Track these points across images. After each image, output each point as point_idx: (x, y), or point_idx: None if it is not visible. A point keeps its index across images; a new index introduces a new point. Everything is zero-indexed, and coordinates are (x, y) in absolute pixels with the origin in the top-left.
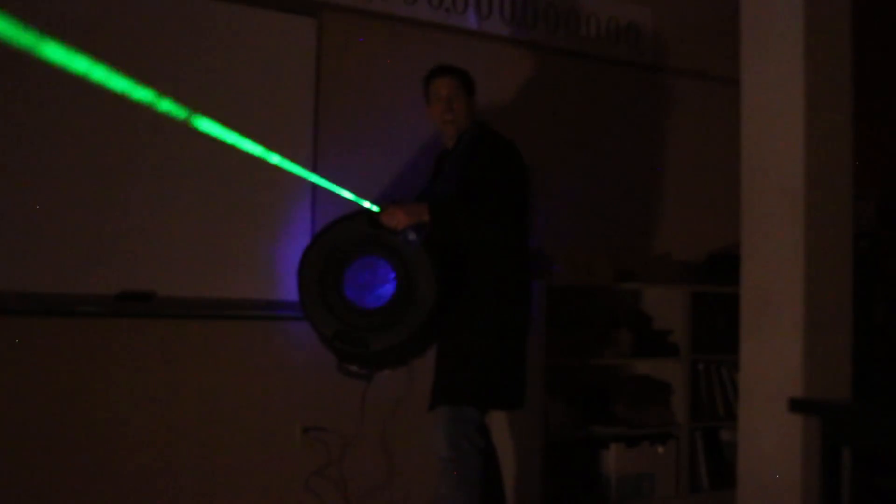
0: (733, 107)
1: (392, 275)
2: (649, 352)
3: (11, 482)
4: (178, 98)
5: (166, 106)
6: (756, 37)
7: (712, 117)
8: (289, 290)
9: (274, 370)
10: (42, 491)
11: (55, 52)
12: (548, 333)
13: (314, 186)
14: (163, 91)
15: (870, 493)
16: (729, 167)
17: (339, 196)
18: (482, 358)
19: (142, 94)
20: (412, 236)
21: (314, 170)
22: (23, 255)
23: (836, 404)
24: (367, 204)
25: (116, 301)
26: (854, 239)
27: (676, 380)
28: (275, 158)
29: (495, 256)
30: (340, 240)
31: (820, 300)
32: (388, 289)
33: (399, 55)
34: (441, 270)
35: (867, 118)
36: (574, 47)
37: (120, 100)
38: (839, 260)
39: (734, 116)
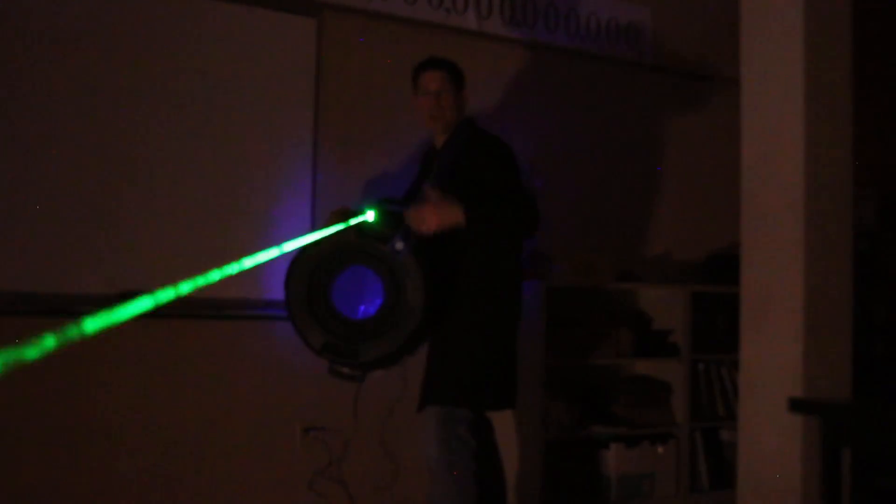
0: (733, 107)
1: (380, 285)
2: (649, 352)
3: (11, 482)
4: (179, 98)
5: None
6: (756, 37)
7: (712, 117)
8: None
9: (274, 370)
10: (42, 491)
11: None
12: (548, 333)
13: (314, 187)
14: (163, 91)
15: (870, 493)
16: (729, 167)
17: (338, 197)
18: (473, 358)
19: (142, 93)
20: (400, 245)
21: (314, 169)
22: (23, 255)
23: (836, 404)
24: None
25: (116, 301)
26: (854, 239)
27: (676, 380)
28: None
29: (486, 256)
30: (327, 251)
31: (820, 300)
32: (376, 299)
33: (399, 55)
34: (430, 279)
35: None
36: (574, 47)
37: (120, 99)
38: (839, 260)
39: (734, 116)
